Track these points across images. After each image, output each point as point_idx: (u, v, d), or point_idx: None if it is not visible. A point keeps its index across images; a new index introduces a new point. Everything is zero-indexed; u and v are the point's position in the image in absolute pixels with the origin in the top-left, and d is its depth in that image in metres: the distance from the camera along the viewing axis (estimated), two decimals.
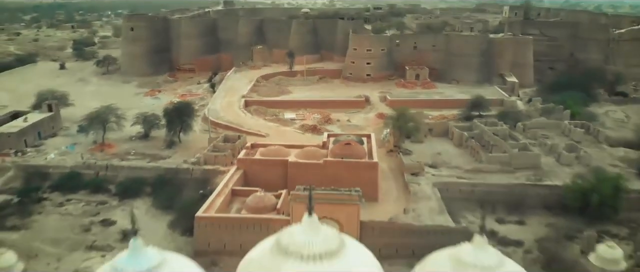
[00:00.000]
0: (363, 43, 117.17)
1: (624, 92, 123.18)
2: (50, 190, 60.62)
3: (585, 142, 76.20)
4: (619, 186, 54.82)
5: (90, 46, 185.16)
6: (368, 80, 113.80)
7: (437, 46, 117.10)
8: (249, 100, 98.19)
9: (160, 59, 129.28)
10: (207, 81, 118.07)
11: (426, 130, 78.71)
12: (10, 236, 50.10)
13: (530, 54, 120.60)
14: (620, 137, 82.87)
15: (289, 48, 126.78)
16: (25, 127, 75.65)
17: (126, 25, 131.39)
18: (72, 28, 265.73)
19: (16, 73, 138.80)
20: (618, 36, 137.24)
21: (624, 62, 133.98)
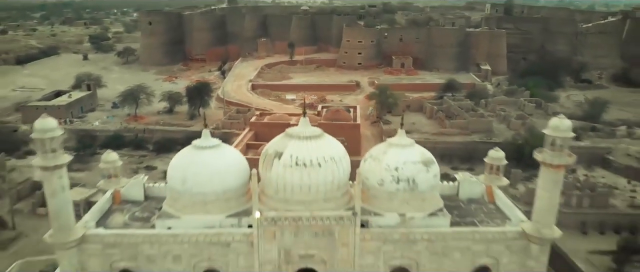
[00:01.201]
0: (355, 35, 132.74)
1: (588, 79, 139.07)
2: (100, 148, 76.09)
3: (536, 115, 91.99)
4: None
5: (106, 40, 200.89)
6: (359, 68, 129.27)
7: (420, 38, 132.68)
8: (255, 84, 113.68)
9: (174, 50, 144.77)
10: (217, 69, 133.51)
11: (405, 106, 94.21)
12: (77, 174, 65.56)
13: (504, 45, 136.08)
14: (572, 112, 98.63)
15: (290, 40, 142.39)
16: (71, 102, 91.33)
17: (144, 20, 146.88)
18: (84, 25, 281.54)
19: (44, 63, 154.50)
20: (585, 30, 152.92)
21: (591, 53, 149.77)
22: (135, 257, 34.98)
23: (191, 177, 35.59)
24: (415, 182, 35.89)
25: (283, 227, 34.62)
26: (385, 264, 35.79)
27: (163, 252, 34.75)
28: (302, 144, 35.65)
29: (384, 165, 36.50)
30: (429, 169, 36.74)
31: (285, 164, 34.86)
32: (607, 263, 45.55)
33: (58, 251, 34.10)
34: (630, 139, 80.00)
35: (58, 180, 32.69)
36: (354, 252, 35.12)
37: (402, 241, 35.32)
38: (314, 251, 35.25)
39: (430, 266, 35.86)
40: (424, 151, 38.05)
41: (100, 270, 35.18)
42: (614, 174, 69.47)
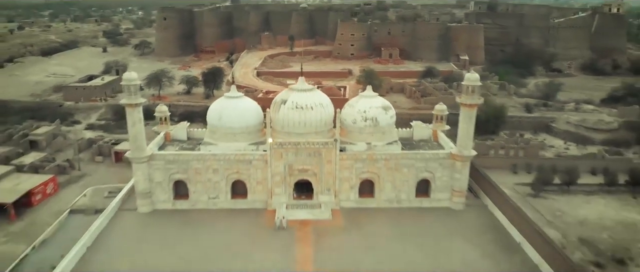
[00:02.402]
0: (348, 29, 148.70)
1: (558, 68, 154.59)
2: None
3: (500, 95, 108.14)
4: (501, 112, 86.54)
5: (119, 36, 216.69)
6: (352, 58, 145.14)
7: (406, 32, 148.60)
8: (260, 71, 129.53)
9: (186, 43, 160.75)
10: (225, 60, 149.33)
11: (388, 88, 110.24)
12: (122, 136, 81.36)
13: (481, 38, 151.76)
14: (531, 93, 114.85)
15: (290, 34, 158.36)
16: (105, 83, 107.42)
17: (160, 15, 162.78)
18: (95, 21, 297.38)
19: (68, 54, 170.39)
20: (557, 24, 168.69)
21: (562, 45, 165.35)
22: (186, 170, 51.33)
23: (225, 116, 52.09)
24: (377, 120, 52.40)
25: (287, 150, 50.99)
26: (356, 176, 52.25)
27: (206, 167, 51.14)
28: (300, 95, 52.15)
29: (356, 110, 53.05)
30: (387, 112, 53.17)
31: (288, 108, 51.30)
32: (527, 191, 61.60)
33: (134, 164, 50.41)
34: (575, 112, 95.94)
35: (137, 114, 48.95)
36: (336, 168, 51.48)
37: (368, 160, 51.72)
38: (308, 166, 51.69)
39: (387, 178, 52.26)
40: (384, 100, 54.71)
41: (161, 180, 51.41)
42: (554, 137, 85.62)
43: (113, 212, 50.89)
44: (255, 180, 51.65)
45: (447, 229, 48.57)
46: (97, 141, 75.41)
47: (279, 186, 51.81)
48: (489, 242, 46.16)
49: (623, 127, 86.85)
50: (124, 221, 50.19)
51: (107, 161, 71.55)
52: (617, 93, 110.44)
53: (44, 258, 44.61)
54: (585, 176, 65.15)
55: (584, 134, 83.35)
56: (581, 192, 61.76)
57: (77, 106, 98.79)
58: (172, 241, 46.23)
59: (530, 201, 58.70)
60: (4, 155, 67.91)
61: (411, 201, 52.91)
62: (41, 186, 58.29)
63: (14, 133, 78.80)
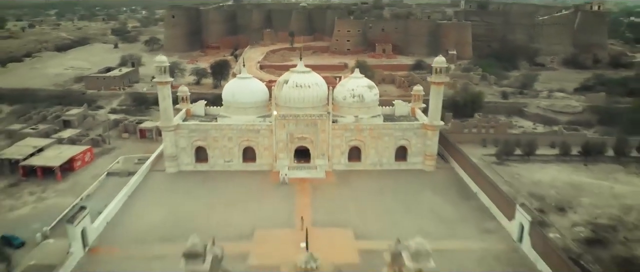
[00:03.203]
0: (345, 26, 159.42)
1: (541, 63, 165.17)
2: (150, 105, 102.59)
3: (482, 84, 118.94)
4: (478, 98, 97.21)
5: (127, 33, 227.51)
6: (348, 53, 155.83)
7: (399, 29, 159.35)
8: (263, 65, 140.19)
9: (193, 39, 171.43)
10: (230, 55, 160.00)
11: (380, 79, 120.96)
12: (143, 117, 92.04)
13: (469, 34, 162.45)
14: (511, 82, 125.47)
15: (290, 30, 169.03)
16: (122, 74, 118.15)
17: (168, 13, 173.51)
18: (103, 20, 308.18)
19: (81, 50, 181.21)
20: (541, 22, 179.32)
21: (546, 41, 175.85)
22: (206, 138, 62.09)
23: (237, 94, 62.94)
24: (363, 97, 63.18)
25: (288, 121, 61.67)
26: (346, 144, 62.98)
27: (222, 135, 61.87)
28: (299, 75, 62.98)
29: (346, 88, 63.87)
30: (371, 90, 63.94)
31: (290, 86, 62.05)
32: (492, 160, 72.37)
33: (164, 132, 61.21)
34: (547, 99, 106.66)
35: (166, 90, 59.70)
36: (329, 136, 62.19)
37: (355, 130, 62.42)
38: (306, 135, 62.40)
39: (371, 145, 63.01)
40: (369, 81, 65.37)
41: (185, 146, 62.17)
42: (526, 119, 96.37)
43: (145, 172, 61.67)
44: (262, 146, 62.42)
45: (419, 185, 59.39)
46: (122, 120, 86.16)
47: (282, 151, 62.58)
48: (452, 194, 56.97)
49: (587, 110, 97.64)
50: (155, 179, 61.01)
51: (132, 137, 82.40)
52: (588, 83, 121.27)
53: (91, 207, 55.27)
54: (545, 148, 76.10)
55: (551, 116, 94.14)
56: (539, 161, 72.66)
57: (98, 94, 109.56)
58: (196, 193, 56.99)
59: (495, 168, 69.54)
60: (43, 131, 78.76)
61: (391, 164, 63.68)
62: (81, 154, 69.11)
63: (47, 115, 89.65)
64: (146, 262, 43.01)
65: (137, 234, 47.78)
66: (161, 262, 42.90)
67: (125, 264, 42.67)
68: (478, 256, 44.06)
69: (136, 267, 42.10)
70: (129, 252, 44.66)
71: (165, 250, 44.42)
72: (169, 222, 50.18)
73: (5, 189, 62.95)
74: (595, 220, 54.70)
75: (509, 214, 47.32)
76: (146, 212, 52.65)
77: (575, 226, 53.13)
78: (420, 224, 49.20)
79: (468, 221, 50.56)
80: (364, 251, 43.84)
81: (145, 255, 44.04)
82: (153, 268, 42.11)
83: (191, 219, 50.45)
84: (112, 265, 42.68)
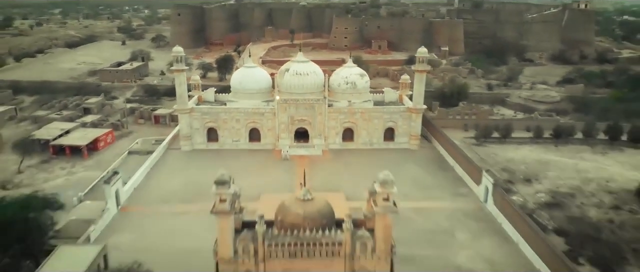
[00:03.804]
0: (343, 24, 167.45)
1: (530, 59, 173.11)
2: (161, 96, 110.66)
3: (469, 77, 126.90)
4: (463, 89, 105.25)
5: (133, 31, 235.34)
6: (345, 49, 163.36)
7: (394, 26, 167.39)
8: (265, 60, 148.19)
9: (198, 36, 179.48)
10: (233, 51, 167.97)
11: (375, 73, 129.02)
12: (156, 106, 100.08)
13: (461, 32, 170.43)
14: (498, 76, 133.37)
15: (291, 28, 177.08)
16: (133, 68, 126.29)
17: (174, 12, 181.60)
18: (108, 19, 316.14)
19: (90, 47, 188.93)
20: (531, 19, 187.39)
21: (535, 38, 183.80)
22: (216, 120, 70.29)
23: (244, 81, 71.14)
24: (355, 84, 71.34)
25: (289, 105, 69.83)
26: (340, 125, 71.18)
27: (231, 118, 70.11)
28: (299, 65, 71.14)
29: (340, 76, 72.09)
30: (363, 78, 72.12)
31: (290, 74, 70.21)
32: (472, 141, 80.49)
33: (180, 114, 69.41)
34: (529, 90, 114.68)
35: (182, 77, 67.90)
36: (325, 118, 70.34)
37: (348, 113, 70.62)
38: (305, 117, 70.60)
39: (362, 127, 71.23)
40: (361, 70, 73.35)
41: (198, 127, 70.34)
42: (508, 108, 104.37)
43: (163, 150, 69.87)
44: (266, 128, 70.60)
45: (404, 160, 67.58)
46: (138, 108, 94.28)
47: (284, 132, 70.74)
48: (432, 167, 65.19)
49: (565, 100, 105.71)
50: (171, 155, 69.23)
51: (147, 122, 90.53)
52: (570, 76, 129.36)
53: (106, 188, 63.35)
54: (521, 132, 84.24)
55: (531, 105, 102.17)
56: (514, 143, 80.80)
57: (112, 86, 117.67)
58: (208, 166, 64.83)
59: (473, 148, 77.65)
60: (67, 116, 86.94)
61: (380, 143, 71.85)
62: (104, 136, 77.27)
63: (68, 103, 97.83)
64: (170, 217, 51.24)
65: (160, 197, 56.02)
66: (182, 217, 51.19)
67: (153, 219, 50.87)
68: (450, 213, 52.29)
69: (162, 222, 50.27)
70: (154, 210, 52.90)
71: (185, 209, 52.71)
72: (186, 188, 58.40)
73: (38, 164, 71.04)
74: (557, 189, 62.86)
75: (477, 179, 55.51)
76: (166, 181, 60.85)
77: (538, 193, 61.30)
78: (403, 189, 56.79)
79: (443, 187, 58.80)
80: (354, 208, 51.87)
81: (169, 212, 52.26)
82: (176, 222, 50.31)
83: (205, 186, 58.26)
84: (142, 220, 50.87)
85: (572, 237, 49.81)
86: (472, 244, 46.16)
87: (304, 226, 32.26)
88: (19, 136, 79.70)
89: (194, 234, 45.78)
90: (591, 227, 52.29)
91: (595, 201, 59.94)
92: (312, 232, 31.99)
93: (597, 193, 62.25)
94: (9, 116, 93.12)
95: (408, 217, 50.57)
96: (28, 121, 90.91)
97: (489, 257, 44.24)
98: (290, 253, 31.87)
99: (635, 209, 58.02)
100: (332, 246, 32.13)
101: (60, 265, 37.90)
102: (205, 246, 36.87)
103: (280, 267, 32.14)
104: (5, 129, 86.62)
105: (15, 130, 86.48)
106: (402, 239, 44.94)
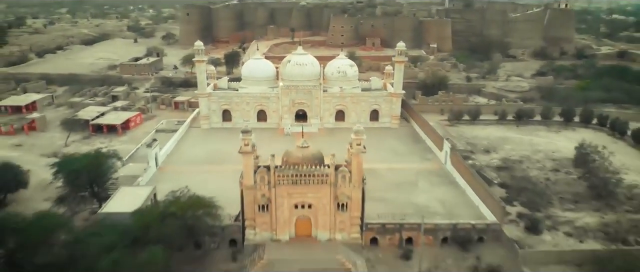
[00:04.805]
0: (339, 23, 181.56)
1: (513, 55, 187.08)
2: (177, 86, 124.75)
3: (452, 71, 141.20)
4: (444, 80, 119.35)
5: (142, 29, 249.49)
6: (342, 46, 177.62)
7: (386, 25, 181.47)
8: (268, 56, 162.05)
9: (206, 34, 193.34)
10: (238, 48, 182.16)
11: (368, 68, 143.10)
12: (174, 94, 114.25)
13: (449, 30, 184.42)
14: (478, 70, 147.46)
15: (291, 27, 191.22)
16: (150, 63, 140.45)
17: (184, 11, 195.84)
18: (117, 18, 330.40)
19: (105, 44, 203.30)
20: (515, 18, 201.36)
21: (518, 36, 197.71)
22: (230, 103, 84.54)
23: (253, 69, 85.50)
24: (346, 73, 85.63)
25: (291, 90, 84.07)
26: (333, 108, 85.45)
27: (242, 101, 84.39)
28: (299, 57, 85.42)
29: (333, 66, 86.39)
30: (352, 68, 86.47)
31: (292, 65, 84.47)
32: (446, 123, 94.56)
33: (200, 98, 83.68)
34: (504, 82, 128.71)
35: (202, 66, 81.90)
36: (321, 101, 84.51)
37: (340, 97, 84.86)
38: (303, 101, 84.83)
39: (352, 109, 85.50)
40: (351, 61, 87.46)
41: (215, 109, 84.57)
42: (482, 97, 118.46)
43: (186, 128, 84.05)
44: (272, 109, 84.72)
45: (386, 136, 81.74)
46: (158, 96, 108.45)
47: (286, 113, 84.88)
48: (407, 140, 79.45)
49: (534, 90, 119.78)
50: (193, 132, 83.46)
51: (168, 108, 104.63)
52: (543, 70, 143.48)
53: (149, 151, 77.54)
54: (489, 115, 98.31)
55: (503, 94, 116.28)
56: (482, 124, 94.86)
57: (132, 78, 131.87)
58: (224, 141, 79.16)
59: (446, 128, 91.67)
60: (100, 102, 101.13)
61: (367, 123, 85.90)
62: (134, 117, 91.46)
63: (97, 92, 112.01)
64: (197, 174, 65.39)
65: (189, 160, 70.31)
66: (206, 174, 65.35)
67: (184, 175, 64.97)
68: (416, 172, 66.55)
69: (192, 177, 64.39)
70: (185, 169, 67.11)
71: (208, 169, 66.94)
72: (207, 155, 72.68)
73: (80, 140, 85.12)
74: (509, 157, 77.00)
75: (440, 146, 69.68)
76: (191, 150, 75.14)
77: (493, 159, 75.48)
78: (382, 156, 71.64)
79: (414, 154, 73.07)
80: None
81: (196, 171, 66.45)
82: (202, 177, 64.40)
83: (222, 154, 72.78)
84: (176, 176, 65.00)
85: (511, 188, 64.03)
86: (430, 191, 60.44)
87: (302, 164, 46.40)
88: (59, 119, 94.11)
89: (217, 184, 59.69)
90: (529, 183, 66.50)
91: (538, 166, 74.08)
92: (308, 167, 46.12)
93: (542, 160, 76.38)
94: (48, 102, 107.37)
95: (383, 175, 64.86)
96: (65, 106, 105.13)
97: (441, 198, 58.49)
98: (292, 181, 46.02)
99: (570, 171, 72.08)
100: (321, 177, 46.29)
101: (124, 200, 52.05)
102: (225, 192, 50.77)
103: (285, 191, 46.35)
104: (46, 112, 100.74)
105: (55, 114, 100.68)
106: (378, 188, 59.53)
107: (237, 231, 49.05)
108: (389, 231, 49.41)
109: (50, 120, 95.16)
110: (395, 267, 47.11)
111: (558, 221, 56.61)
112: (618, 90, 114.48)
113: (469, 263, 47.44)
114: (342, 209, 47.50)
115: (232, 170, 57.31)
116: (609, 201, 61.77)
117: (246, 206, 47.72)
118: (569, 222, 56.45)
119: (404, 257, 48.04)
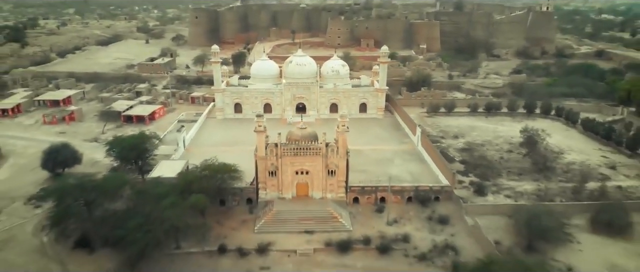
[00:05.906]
0: (337, 25, 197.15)
1: (497, 55, 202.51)
2: (191, 83, 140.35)
3: (437, 69, 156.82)
4: (426, 77, 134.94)
5: (151, 31, 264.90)
6: (339, 47, 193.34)
7: (380, 27, 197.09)
8: (270, 56, 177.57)
9: (212, 35, 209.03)
10: (243, 48, 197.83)
11: (361, 67, 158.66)
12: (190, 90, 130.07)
13: (437, 31, 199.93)
14: (461, 69, 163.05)
15: (292, 28, 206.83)
16: (165, 62, 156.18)
17: (192, 14, 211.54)
18: (125, 19, 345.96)
19: (118, 45, 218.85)
20: (499, 20, 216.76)
21: (503, 37, 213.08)
22: (241, 97, 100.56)
23: (260, 69, 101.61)
24: (339, 71, 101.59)
25: (292, 86, 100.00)
26: (328, 101, 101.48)
27: (251, 96, 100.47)
28: (299, 58, 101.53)
29: (328, 66, 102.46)
30: (344, 67, 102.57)
31: (293, 64, 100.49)
32: (425, 114, 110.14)
33: (216, 93, 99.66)
34: (482, 79, 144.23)
35: (218, 66, 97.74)
36: (317, 96, 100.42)
37: (334, 92, 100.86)
38: (303, 95, 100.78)
39: (344, 102, 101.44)
40: (343, 61, 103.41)
41: (229, 102, 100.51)
42: (461, 92, 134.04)
43: (204, 119, 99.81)
44: (276, 103, 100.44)
45: (372, 125, 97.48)
46: (177, 92, 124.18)
47: (288, 106, 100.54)
48: (389, 128, 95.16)
49: (507, 86, 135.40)
50: (211, 122, 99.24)
51: (185, 102, 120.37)
52: (519, 68, 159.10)
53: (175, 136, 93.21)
54: (463, 108, 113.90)
55: (479, 90, 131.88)
56: (456, 115, 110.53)
57: (150, 76, 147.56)
58: (237, 129, 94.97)
59: (424, 119, 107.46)
60: (127, 97, 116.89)
61: (357, 114, 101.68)
62: (158, 109, 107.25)
63: (122, 88, 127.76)
64: (217, 153, 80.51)
65: (209, 143, 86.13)
66: (224, 153, 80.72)
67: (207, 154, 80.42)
68: (393, 152, 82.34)
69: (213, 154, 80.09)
70: (207, 150, 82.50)
71: (225, 149, 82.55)
72: (224, 139, 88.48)
73: (114, 128, 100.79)
74: (473, 141, 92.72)
75: (414, 131, 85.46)
76: (210, 136, 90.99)
77: (459, 143, 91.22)
78: (368, 140, 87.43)
79: (394, 138, 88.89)
80: None
81: (216, 150, 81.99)
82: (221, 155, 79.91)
83: (236, 139, 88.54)
84: (200, 154, 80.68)
85: (469, 164, 79.81)
86: (402, 165, 76.31)
87: (302, 140, 62.17)
88: (92, 111, 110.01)
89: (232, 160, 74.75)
90: (485, 160, 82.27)
91: (497, 148, 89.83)
92: (306, 143, 61.88)
93: (501, 144, 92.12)
94: (80, 97, 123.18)
95: (367, 154, 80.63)
96: (95, 101, 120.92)
97: (410, 171, 74.34)
98: (294, 153, 61.81)
99: (522, 152, 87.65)
100: (315, 150, 62.06)
101: (165, 169, 67.80)
102: (240, 166, 66.18)
103: (288, 161, 62.16)
104: (80, 105, 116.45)
105: (87, 107, 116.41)
106: (362, 163, 75.29)
107: (252, 191, 64.98)
108: (367, 191, 65.27)
109: (85, 112, 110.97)
110: (371, 218, 62.96)
111: (502, 187, 72.39)
112: (580, 86, 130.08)
113: (426, 214, 63.33)
114: (332, 175, 63.31)
115: (243, 150, 73.43)
116: (547, 174, 77.57)
117: (259, 172, 63.62)
118: (511, 188, 72.22)
119: (378, 211, 63.89)
